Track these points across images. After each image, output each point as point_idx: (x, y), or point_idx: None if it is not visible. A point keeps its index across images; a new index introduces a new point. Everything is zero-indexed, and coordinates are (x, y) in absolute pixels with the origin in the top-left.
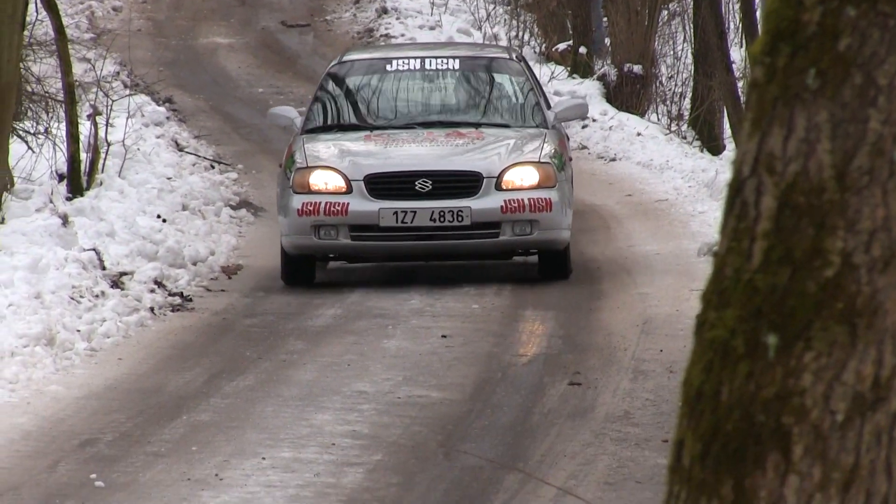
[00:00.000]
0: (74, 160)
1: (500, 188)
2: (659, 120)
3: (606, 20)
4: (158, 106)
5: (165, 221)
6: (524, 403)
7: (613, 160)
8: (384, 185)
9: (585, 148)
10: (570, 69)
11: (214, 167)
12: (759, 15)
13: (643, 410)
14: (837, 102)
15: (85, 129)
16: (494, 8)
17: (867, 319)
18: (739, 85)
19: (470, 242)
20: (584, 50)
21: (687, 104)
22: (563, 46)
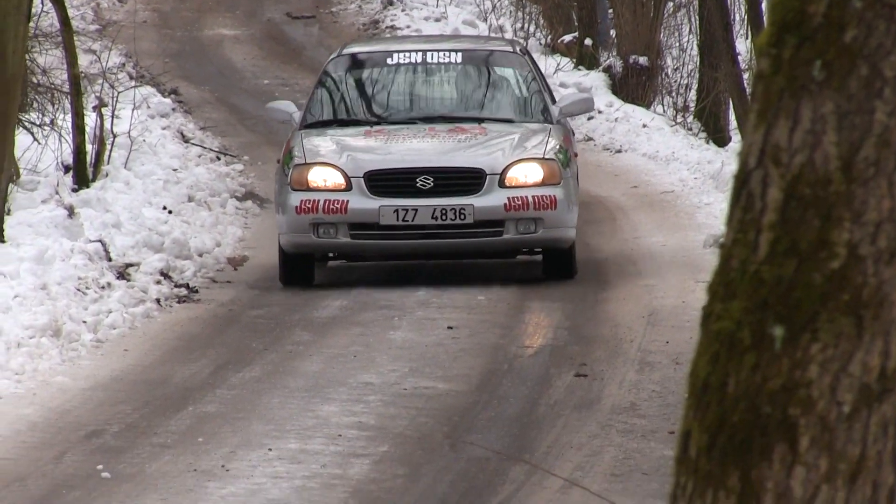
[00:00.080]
0: (80, 152)
1: (503, 185)
2: (665, 111)
3: (612, 12)
4: (164, 97)
5: (171, 213)
6: (530, 395)
7: (619, 152)
8: (385, 182)
9: (591, 139)
10: (575, 61)
11: (220, 158)
12: (764, 6)
13: (649, 402)
14: (843, 94)
15: (91, 120)
16: None
17: (873, 311)
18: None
19: (473, 241)
20: (589, 41)
21: (693, 96)
22: (568, 38)
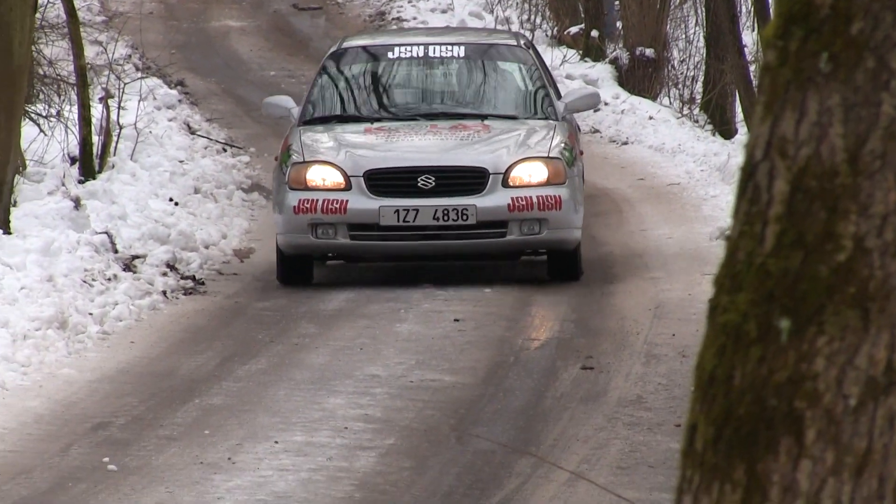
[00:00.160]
0: (86, 143)
1: (507, 185)
2: (671, 104)
3: (618, 3)
4: (170, 89)
5: (178, 205)
6: (537, 387)
7: (625, 144)
8: (385, 181)
9: (598, 132)
10: (581, 53)
11: (226, 150)
12: None
13: (656, 395)
14: (850, 86)
15: (97, 111)
16: None
17: (880, 303)
18: (751, 68)
19: (475, 242)
20: (595, 33)
21: (699, 88)
22: (575, 30)
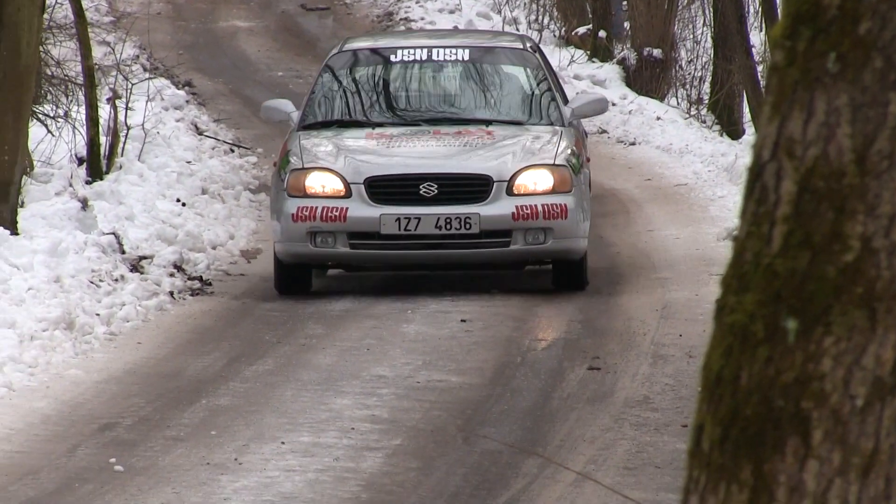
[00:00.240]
0: (94, 144)
1: (511, 193)
2: (678, 104)
3: (626, 4)
4: (178, 89)
5: (185, 205)
6: (543, 388)
7: (633, 144)
8: (386, 188)
9: (605, 132)
10: (589, 53)
11: (234, 151)
12: None
13: (662, 395)
14: (857, 86)
15: (104, 112)
16: None
17: (887, 304)
18: (759, 69)
19: (478, 252)
20: (603, 34)
21: (706, 88)
22: (582, 30)
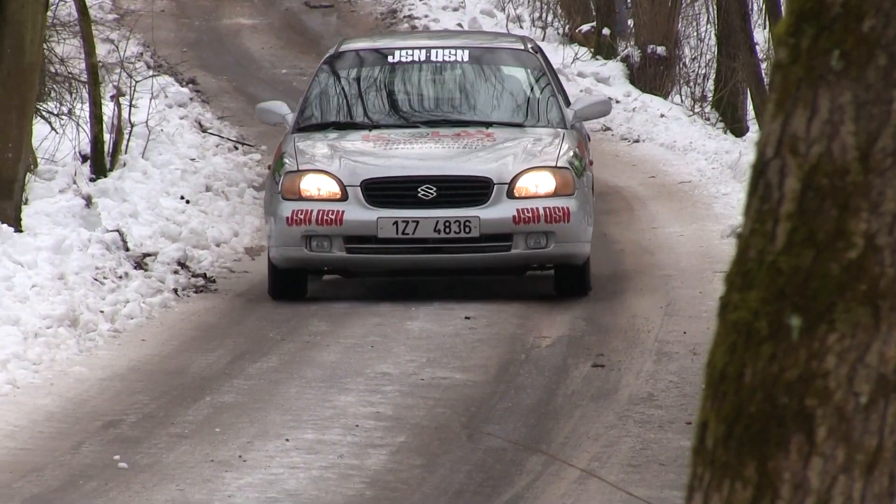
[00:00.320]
0: (98, 141)
1: (512, 196)
2: (682, 101)
3: (630, 1)
4: (182, 87)
5: (189, 202)
6: (548, 385)
7: (637, 142)
8: (383, 191)
9: (609, 129)
10: (593, 50)
11: (238, 148)
12: None
13: (666, 392)
14: (861, 84)
15: (108, 109)
16: None
17: (891, 301)
18: (763, 66)
19: (478, 256)
20: (607, 31)
21: (710, 86)
22: (586, 28)
